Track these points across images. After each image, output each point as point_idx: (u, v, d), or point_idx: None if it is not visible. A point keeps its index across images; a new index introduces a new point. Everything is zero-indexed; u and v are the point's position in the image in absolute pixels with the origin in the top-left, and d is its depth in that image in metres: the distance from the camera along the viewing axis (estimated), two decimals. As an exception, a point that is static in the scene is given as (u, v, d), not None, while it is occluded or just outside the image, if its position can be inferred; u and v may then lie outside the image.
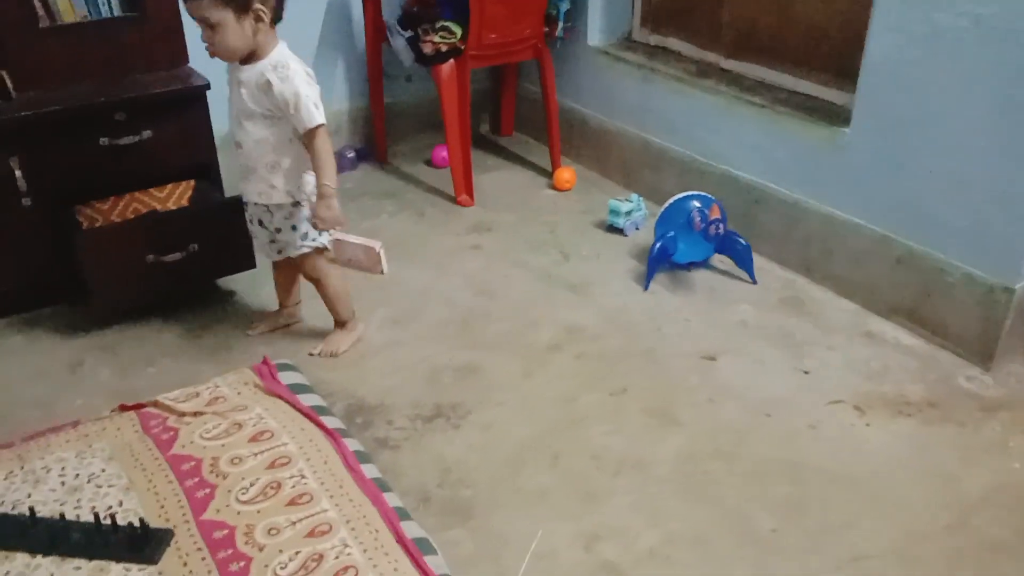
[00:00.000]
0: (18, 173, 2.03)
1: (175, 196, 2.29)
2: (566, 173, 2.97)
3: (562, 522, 1.58)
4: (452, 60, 2.71)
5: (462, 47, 2.69)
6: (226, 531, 1.47)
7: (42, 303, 2.19)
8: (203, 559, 1.42)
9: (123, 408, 1.79)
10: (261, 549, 1.44)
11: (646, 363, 2.02)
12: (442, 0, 2.73)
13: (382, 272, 2.34)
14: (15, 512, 1.51)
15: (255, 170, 1.86)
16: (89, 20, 2.17)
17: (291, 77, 1.76)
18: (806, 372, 2.00)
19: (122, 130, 2.12)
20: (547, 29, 2.87)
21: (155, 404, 1.80)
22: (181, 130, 2.20)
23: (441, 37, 2.69)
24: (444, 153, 3.00)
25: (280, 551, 1.43)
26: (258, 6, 1.72)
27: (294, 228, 1.93)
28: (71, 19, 2.14)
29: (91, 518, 1.49)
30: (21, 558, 1.44)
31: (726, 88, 2.60)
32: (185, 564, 1.41)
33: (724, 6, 2.67)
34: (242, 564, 1.41)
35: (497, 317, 2.16)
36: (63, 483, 1.60)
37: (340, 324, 2.06)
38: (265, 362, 1.93)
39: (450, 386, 1.91)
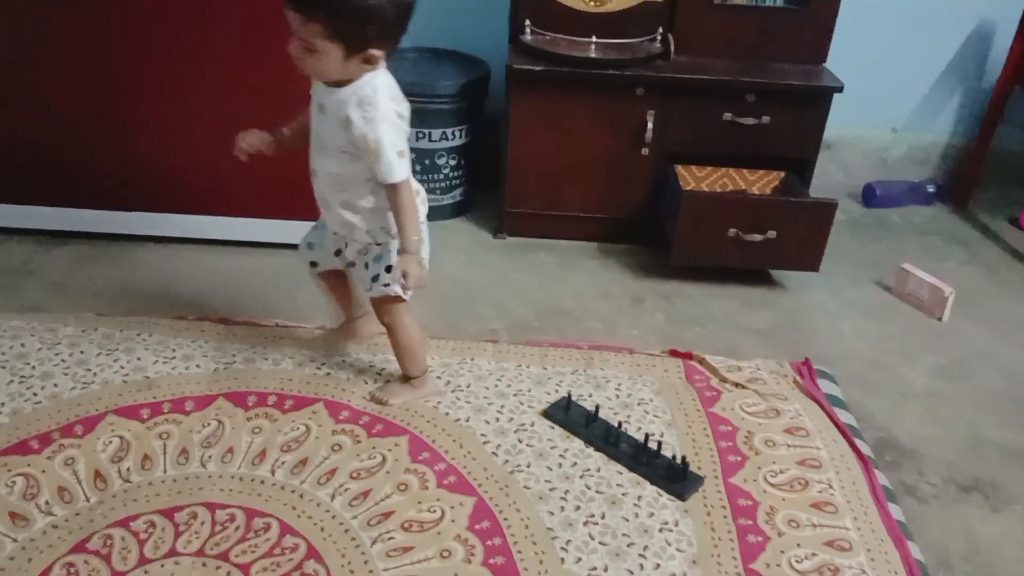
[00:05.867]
0: (650, 125, 2.31)
1: (762, 182, 2.40)
2: None
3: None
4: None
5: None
6: (750, 503, 1.55)
7: (621, 239, 2.48)
8: (724, 518, 1.52)
9: (673, 353, 1.97)
10: (780, 535, 1.49)
11: None
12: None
13: (940, 319, 2.22)
14: (580, 404, 1.75)
15: (330, 205, 1.61)
16: (753, 4, 2.35)
17: (376, 120, 1.46)
18: None
19: (747, 110, 2.28)
20: None
21: (701, 360, 1.95)
22: (797, 124, 2.29)
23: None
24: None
25: (798, 544, 1.48)
26: (374, 52, 1.44)
27: (367, 267, 1.66)
28: (739, 1, 2.33)
29: (638, 436, 1.67)
30: (578, 443, 1.67)
31: None
32: (708, 514, 1.53)
33: None
34: (759, 539, 1.48)
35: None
36: (618, 396, 1.82)
37: (406, 379, 1.80)
38: (806, 363, 1.97)
39: (995, 463, 1.76)
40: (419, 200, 1.63)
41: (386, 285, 1.63)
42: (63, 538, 1.41)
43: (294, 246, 1.87)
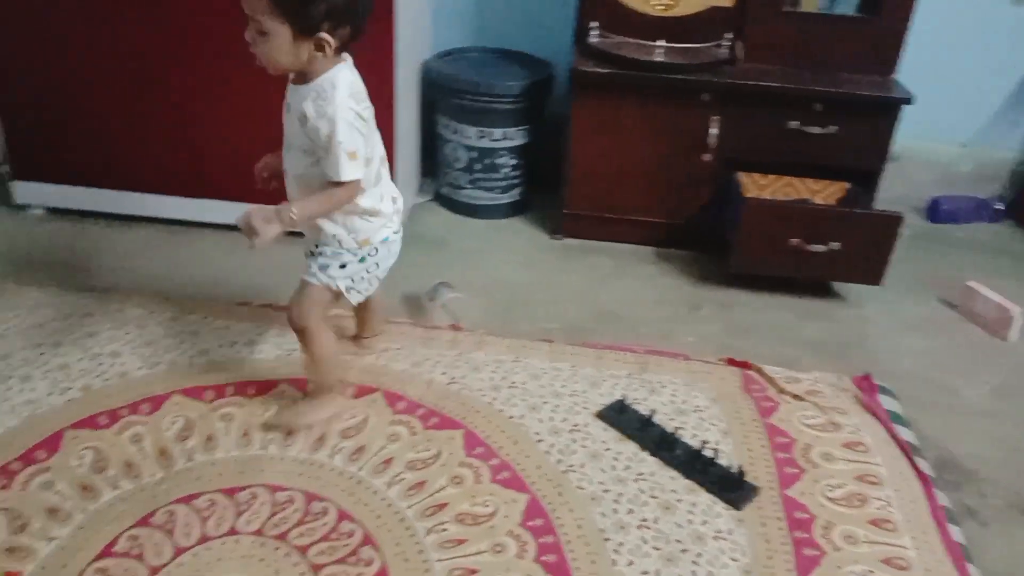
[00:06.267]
0: (713, 131, 2.30)
1: (826, 193, 2.38)
2: None
3: None
4: None
5: None
6: (806, 516, 1.54)
7: (679, 245, 2.48)
8: (780, 529, 1.51)
9: (730, 362, 1.96)
10: (837, 550, 1.48)
11: None
12: None
13: (1005, 338, 2.18)
14: (634, 407, 1.75)
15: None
16: (823, 12, 2.32)
17: (328, 114, 1.42)
18: None
19: (813, 119, 2.26)
20: None
21: (759, 370, 1.93)
22: (864, 135, 2.27)
23: None
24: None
25: (855, 561, 1.47)
26: (324, 36, 1.39)
27: (319, 256, 1.60)
28: (809, 8, 2.33)
29: (693, 443, 1.66)
30: (632, 447, 1.67)
31: None
32: (764, 525, 1.52)
33: None
34: (815, 553, 1.47)
35: None
36: (673, 402, 1.81)
37: (315, 392, 1.69)
38: (866, 377, 1.94)
39: (1057, 490, 1.71)
40: (393, 209, 1.63)
41: (329, 278, 1.58)
42: (129, 511, 1.45)
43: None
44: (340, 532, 1.44)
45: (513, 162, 2.56)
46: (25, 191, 2.39)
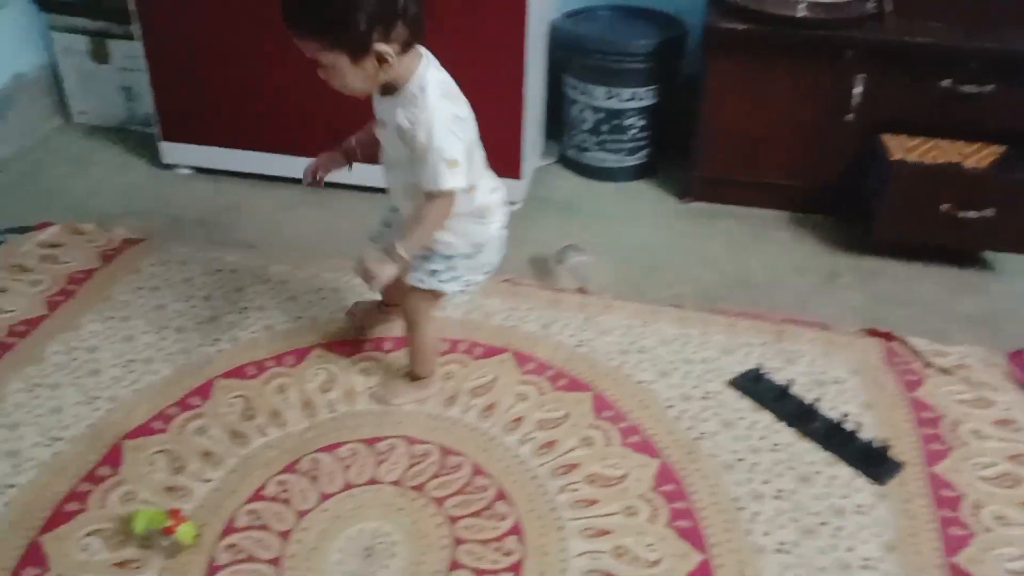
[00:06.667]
0: (857, 90, 2.19)
1: (979, 156, 2.23)
2: None
3: None
4: None
5: None
6: (953, 494, 1.48)
7: (816, 210, 2.39)
8: (925, 506, 1.46)
9: (871, 333, 1.89)
10: (987, 530, 1.43)
11: None
12: None
13: None
14: (770, 377, 1.71)
15: (404, 211, 1.54)
16: (984, -39, 2.16)
17: (422, 121, 1.34)
18: None
19: (969, 78, 2.13)
20: None
21: (903, 342, 1.85)
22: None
23: None
24: None
25: (1008, 543, 1.41)
26: (380, 47, 1.29)
27: (425, 259, 1.53)
28: (968, -43, 2.16)
29: (833, 415, 1.62)
30: (767, 417, 1.64)
31: None
32: (907, 502, 1.48)
33: None
34: (963, 533, 1.42)
35: None
36: (810, 372, 1.76)
37: (413, 376, 1.69)
38: (1021, 353, 1.83)
39: None
40: (499, 201, 1.55)
41: (440, 283, 1.55)
42: (276, 457, 1.54)
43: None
44: (475, 486, 1.48)
45: (641, 123, 2.51)
46: (172, 151, 2.52)
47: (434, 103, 1.35)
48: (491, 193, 1.55)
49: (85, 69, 2.70)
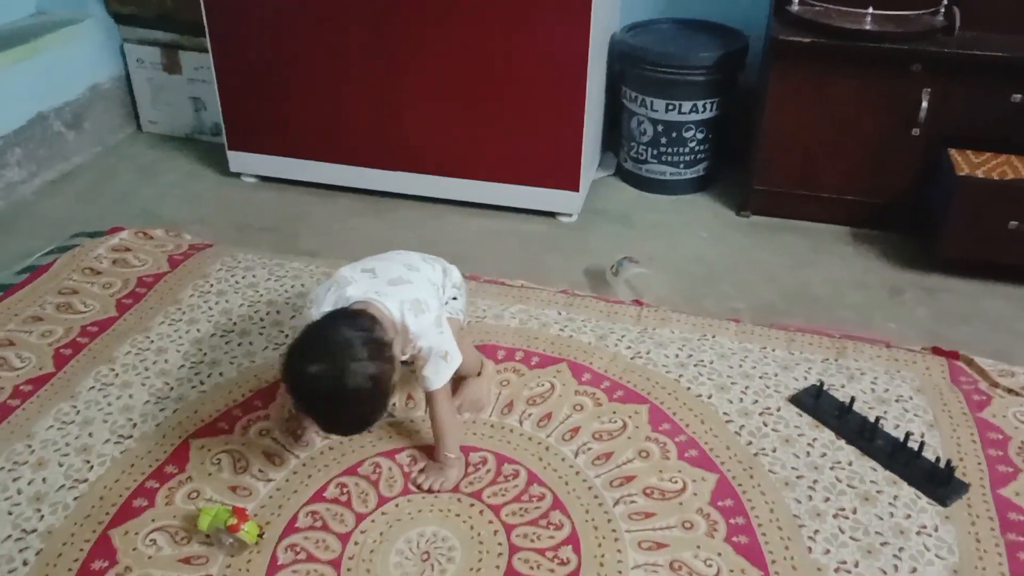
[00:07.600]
0: (924, 104, 2.16)
1: (1053, 171, 2.17)
2: None
3: None
4: None
5: None
6: (1021, 518, 1.46)
7: (879, 225, 2.36)
8: (992, 530, 1.43)
9: (936, 351, 1.86)
10: (1059, 557, 1.36)
11: None
12: None
13: None
14: (831, 393, 1.69)
15: None
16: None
17: (427, 346, 1.49)
18: None
19: (1041, 92, 2.07)
20: None
21: (969, 362, 1.82)
22: (1102, 108, 2.05)
23: None
24: None
25: (1081, 571, 1.34)
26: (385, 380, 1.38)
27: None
28: (1042, -31, 2.12)
29: (896, 434, 1.59)
30: (828, 435, 1.62)
31: None
32: (973, 524, 1.45)
33: None
34: (1033, 557, 1.36)
35: None
36: (873, 390, 1.74)
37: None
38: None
39: None
40: (450, 283, 1.69)
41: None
42: (337, 460, 1.57)
43: (547, 213, 1.91)
44: (531, 495, 1.49)
45: (701, 136, 2.51)
46: (238, 160, 2.60)
47: (434, 337, 1.50)
48: (451, 298, 1.69)
49: (157, 80, 2.80)
